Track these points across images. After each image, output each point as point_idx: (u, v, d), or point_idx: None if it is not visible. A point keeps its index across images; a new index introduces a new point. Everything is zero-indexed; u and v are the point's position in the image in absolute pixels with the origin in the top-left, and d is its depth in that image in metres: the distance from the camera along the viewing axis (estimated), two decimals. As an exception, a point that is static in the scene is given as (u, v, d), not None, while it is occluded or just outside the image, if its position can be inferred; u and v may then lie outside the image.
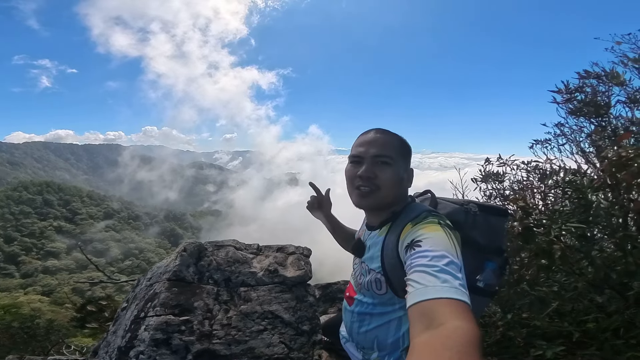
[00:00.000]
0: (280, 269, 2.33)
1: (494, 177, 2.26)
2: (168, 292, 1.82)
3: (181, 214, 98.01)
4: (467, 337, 0.59)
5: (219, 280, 2.07)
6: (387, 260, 0.97)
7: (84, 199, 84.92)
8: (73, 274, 55.55)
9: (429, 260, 0.76)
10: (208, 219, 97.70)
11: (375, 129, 1.07)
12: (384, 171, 1.00)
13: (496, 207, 1.17)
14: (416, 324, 0.66)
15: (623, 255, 1.38)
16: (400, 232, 0.93)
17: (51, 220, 74.21)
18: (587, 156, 2.07)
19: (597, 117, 2.04)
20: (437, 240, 0.82)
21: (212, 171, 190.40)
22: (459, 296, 0.68)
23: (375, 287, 1.02)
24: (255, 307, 2.04)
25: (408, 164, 1.07)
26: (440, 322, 0.62)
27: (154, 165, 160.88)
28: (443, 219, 0.93)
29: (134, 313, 1.90)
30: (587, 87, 2.13)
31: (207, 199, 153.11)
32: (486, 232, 1.07)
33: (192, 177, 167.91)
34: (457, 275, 0.72)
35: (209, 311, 1.90)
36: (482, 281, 1.05)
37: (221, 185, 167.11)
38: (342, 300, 4.30)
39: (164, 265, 2.08)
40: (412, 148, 1.11)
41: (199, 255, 2.11)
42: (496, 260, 1.08)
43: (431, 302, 0.67)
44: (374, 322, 1.07)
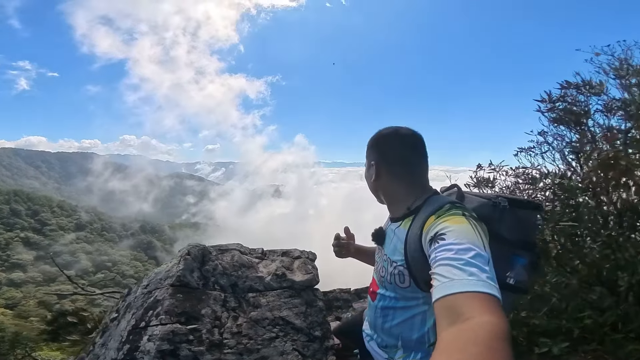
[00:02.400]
0: (288, 273, 2.22)
1: (485, 182, 2.35)
2: (172, 299, 1.66)
3: (158, 226, 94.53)
4: (496, 332, 0.57)
5: (226, 285, 1.92)
6: (411, 253, 0.96)
7: (54, 209, 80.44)
8: (40, 287, 51.99)
9: (454, 254, 0.74)
10: (186, 231, 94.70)
11: None
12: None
13: (527, 200, 1.14)
14: (442, 318, 0.64)
15: (612, 252, 1.44)
16: (423, 224, 0.92)
17: (18, 231, 69.64)
18: (568, 162, 2.17)
19: (576, 125, 2.15)
20: (462, 232, 0.80)
21: (193, 182, 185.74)
22: (487, 289, 0.65)
23: (399, 280, 1.00)
24: (265, 314, 1.92)
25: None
26: (467, 317, 0.60)
27: (131, 175, 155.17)
28: (467, 211, 0.91)
29: (130, 323, 1.71)
30: (568, 96, 2.25)
31: (186, 210, 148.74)
32: (516, 227, 1.04)
33: (170, 188, 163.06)
34: (484, 268, 0.70)
35: (217, 319, 1.75)
36: (513, 278, 1.01)
37: (202, 197, 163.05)
38: (339, 308, 4.16)
39: (164, 270, 1.91)
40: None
41: (203, 259, 1.96)
42: (526, 255, 1.04)
43: (457, 295, 0.65)
44: (397, 316, 1.05)
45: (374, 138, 1.14)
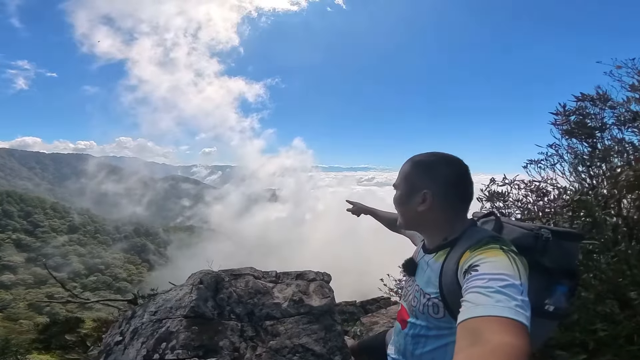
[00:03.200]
0: (305, 298, 2.13)
1: (497, 196, 2.32)
2: (188, 332, 1.56)
3: (152, 229, 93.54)
4: (513, 354, 0.56)
5: (242, 314, 1.83)
6: (446, 286, 0.95)
7: (47, 210, 79.32)
8: (30, 289, 51.09)
9: (485, 282, 0.74)
10: (180, 235, 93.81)
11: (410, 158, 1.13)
12: (395, 196, 1.11)
13: (570, 232, 1.14)
14: (461, 340, 0.64)
15: (628, 268, 1.46)
16: (459, 258, 0.91)
17: (10, 232, 68.49)
18: (579, 176, 2.14)
19: (588, 138, 2.10)
20: (497, 264, 0.80)
21: (188, 185, 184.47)
22: (512, 315, 0.64)
23: (432, 311, 0.99)
24: (284, 342, 1.84)
25: (418, 185, 1.05)
26: (486, 339, 0.60)
27: (125, 178, 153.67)
28: (507, 244, 0.89)
29: (141, 353, 1.61)
30: (582, 109, 2.23)
31: (181, 213, 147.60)
32: (558, 257, 1.02)
33: (165, 191, 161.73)
34: (515, 297, 0.69)
35: (235, 350, 1.66)
36: (552, 305, 1.01)
37: (197, 200, 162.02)
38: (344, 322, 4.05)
39: (174, 298, 1.80)
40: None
41: (217, 287, 1.87)
42: (567, 283, 1.04)
43: (480, 319, 0.65)
44: (429, 344, 1.04)
45: (424, 164, 1.06)
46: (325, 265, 2.51)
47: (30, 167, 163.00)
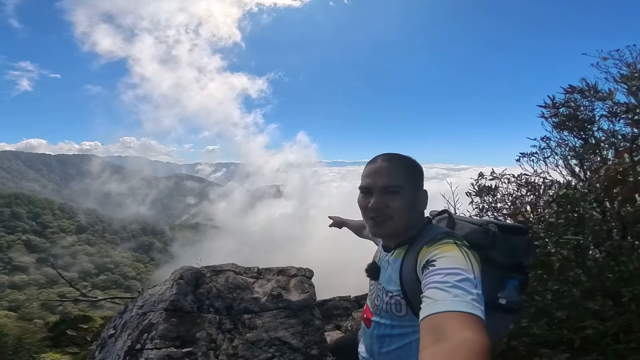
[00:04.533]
0: (284, 293, 2.24)
1: (486, 190, 2.32)
2: (166, 323, 1.69)
3: (159, 227, 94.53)
4: (476, 350, 0.58)
5: (220, 308, 1.95)
6: (407, 283, 0.98)
7: (55, 211, 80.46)
8: (42, 289, 52.09)
9: (442, 277, 0.77)
10: (186, 232, 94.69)
11: (382, 156, 1.07)
12: (394, 200, 1.01)
13: (516, 226, 1.18)
14: (425, 337, 0.66)
15: (616, 264, 1.46)
16: (417, 254, 0.95)
17: (19, 233, 69.72)
18: (572, 169, 2.16)
19: (580, 131, 2.14)
20: (451, 258, 0.83)
21: (193, 183, 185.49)
22: (470, 309, 0.68)
23: (395, 309, 1.02)
24: (261, 335, 1.95)
25: (419, 187, 1.08)
26: (448, 335, 0.62)
27: (130, 177, 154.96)
28: (459, 239, 0.93)
29: (127, 344, 1.74)
30: (572, 102, 2.23)
31: (186, 211, 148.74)
32: (506, 251, 1.07)
33: (170, 189, 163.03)
34: (470, 291, 0.72)
35: (212, 341, 1.78)
36: (504, 298, 1.05)
37: (202, 198, 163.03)
38: (338, 317, 4.19)
39: (157, 293, 1.93)
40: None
41: (197, 282, 1.99)
42: (517, 277, 1.09)
43: (440, 315, 0.68)
44: (394, 343, 1.06)
45: (413, 163, 1.08)
46: (329, 261, 2.52)
47: (36, 169, 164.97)
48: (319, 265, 2.41)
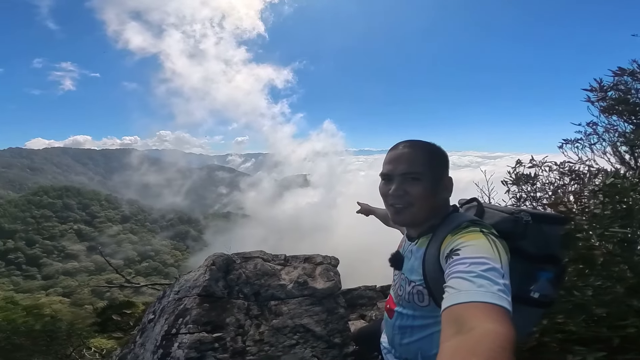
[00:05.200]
0: (309, 281, 2.27)
1: (525, 179, 2.19)
2: (199, 309, 1.78)
3: (194, 216, 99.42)
4: (499, 342, 0.55)
5: (249, 294, 2.02)
6: (429, 273, 0.95)
7: (102, 202, 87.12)
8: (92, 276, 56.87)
9: (466, 267, 0.73)
10: (218, 221, 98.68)
11: (403, 143, 1.05)
12: (414, 187, 0.98)
13: (552, 215, 1.11)
14: (446, 328, 0.63)
15: None
16: (440, 243, 0.92)
17: (71, 223, 76.45)
18: (621, 156, 2.00)
19: (631, 115, 1.96)
20: (477, 247, 0.80)
21: (224, 174, 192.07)
22: (495, 300, 0.64)
23: (417, 299, 1.00)
24: (286, 321, 1.99)
25: (442, 174, 1.03)
26: (471, 326, 0.59)
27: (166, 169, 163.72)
28: (486, 227, 0.89)
29: (164, 328, 1.86)
30: (621, 84, 2.04)
31: (218, 201, 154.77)
32: (539, 242, 1.01)
33: (203, 180, 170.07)
34: (496, 281, 0.68)
35: (240, 327, 1.85)
36: (537, 291, 1.00)
37: (232, 188, 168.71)
38: (363, 306, 4.21)
39: (192, 279, 2.04)
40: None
41: (228, 268, 2.07)
42: (552, 269, 1.03)
43: (463, 305, 0.65)
44: (415, 334, 1.04)
45: (436, 150, 1.05)
46: (355, 250, 2.52)
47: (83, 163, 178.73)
48: (345, 253, 2.41)
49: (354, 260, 30.15)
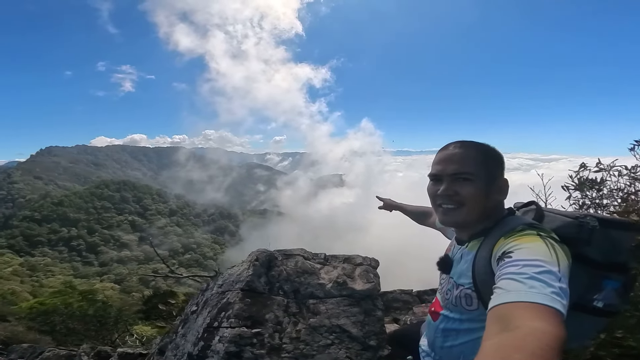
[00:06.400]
0: (349, 281, 2.21)
1: (590, 184, 2.03)
2: (241, 303, 1.80)
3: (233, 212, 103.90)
4: (546, 340, 0.53)
5: (289, 291, 2.01)
6: (479, 276, 0.93)
7: (153, 196, 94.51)
8: (141, 265, 61.94)
9: (519, 269, 0.71)
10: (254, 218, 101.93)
11: (454, 143, 1.03)
12: (465, 187, 0.96)
13: (622, 221, 1.04)
14: (490, 326, 0.61)
15: None
16: (493, 246, 0.89)
17: (126, 214, 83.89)
18: None
19: None
20: (531, 250, 0.77)
21: (262, 172, 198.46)
22: (547, 301, 0.61)
23: (465, 303, 0.98)
24: (323, 321, 1.96)
25: (497, 176, 1.00)
26: (516, 325, 0.57)
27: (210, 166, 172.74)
28: (545, 231, 0.85)
29: (206, 321, 1.90)
30: None
31: (255, 198, 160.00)
32: (606, 249, 0.95)
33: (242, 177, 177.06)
34: (551, 284, 0.65)
35: (278, 324, 1.84)
36: (601, 301, 0.95)
37: (270, 185, 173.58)
38: (397, 310, 4.04)
39: (236, 273, 2.07)
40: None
41: (270, 264, 2.08)
42: (619, 278, 0.97)
43: (510, 304, 0.63)
44: (460, 338, 1.02)
45: (491, 150, 1.02)
46: (390, 251, 2.43)
47: (139, 159, 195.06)
48: (379, 254, 2.37)
49: (388, 262, 29.52)
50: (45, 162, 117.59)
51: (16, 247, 62.98)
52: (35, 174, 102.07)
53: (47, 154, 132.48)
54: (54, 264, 60.08)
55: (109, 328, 6.44)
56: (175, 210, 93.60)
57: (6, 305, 13.05)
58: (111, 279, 52.00)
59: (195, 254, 73.65)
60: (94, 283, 41.73)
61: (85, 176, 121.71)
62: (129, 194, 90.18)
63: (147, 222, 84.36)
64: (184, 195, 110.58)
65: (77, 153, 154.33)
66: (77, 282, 38.91)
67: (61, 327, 6.64)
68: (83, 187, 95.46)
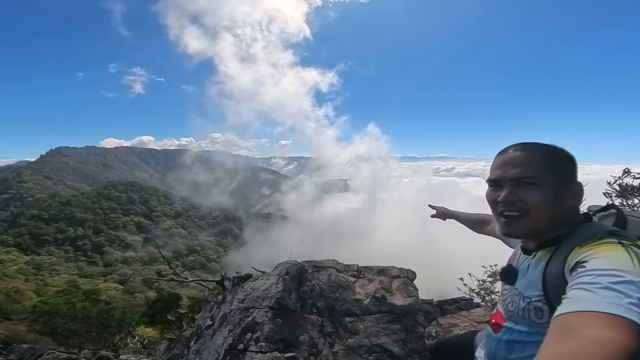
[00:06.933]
0: (387, 296, 1.97)
1: (632, 191, 1.92)
2: (272, 324, 1.55)
3: (238, 215, 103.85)
4: (609, 350, 0.47)
5: (322, 308, 1.76)
6: (552, 288, 0.84)
7: (160, 198, 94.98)
8: (145, 265, 62.02)
9: (592, 278, 0.64)
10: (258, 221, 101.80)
11: (514, 146, 0.94)
12: (531, 193, 0.87)
13: None
14: (550, 334, 0.56)
15: None
16: (566, 256, 0.80)
17: (132, 215, 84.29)
18: None
19: None
20: (609, 259, 0.69)
21: (267, 176, 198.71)
22: (621, 312, 0.54)
23: (535, 316, 0.89)
24: (362, 341, 1.72)
25: (567, 179, 0.90)
26: (579, 334, 0.52)
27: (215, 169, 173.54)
28: (629, 239, 0.75)
29: (228, 341, 1.65)
30: None
31: (260, 201, 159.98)
32: None
33: (248, 181, 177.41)
34: (629, 294, 0.57)
35: (314, 346, 1.59)
36: None
37: (274, 189, 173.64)
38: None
39: (261, 287, 1.82)
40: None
41: (300, 278, 1.84)
42: None
43: (576, 314, 0.57)
44: (527, 350, 0.93)
45: (562, 154, 0.92)
46: (394, 256, 2.29)
47: (146, 161, 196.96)
48: (384, 261, 2.21)
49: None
50: (54, 162, 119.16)
51: (23, 246, 63.50)
52: (45, 173, 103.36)
53: (57, 154, 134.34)
54: (59, 263, 60.40)
55: (111, 331, 6.25)
56: (181, 212, 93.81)
57: (10, 303, 12.99)
58: (115, 279, 52.08)
59: (199, 256, 73.54)
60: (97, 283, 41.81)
61: (94, 177, 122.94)
62: (136, 195, 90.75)
63: (152, 224, 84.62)
64: (189, 197, 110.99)
65: (86, 154, 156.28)
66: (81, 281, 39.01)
67: (63, 329, 6.47)
68: (91, 188, 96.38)
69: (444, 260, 44.99)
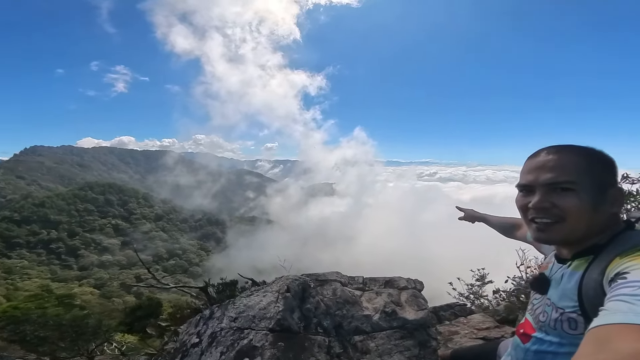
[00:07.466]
0: (398, 310, 1.80)
1: (632, 198, 1.99)
2: (273, 349, 1.35)
3: (221, 219, 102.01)
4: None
5: (329, 327, 1.57)
6: (589, 300, 0.80)
7: (139, 200, 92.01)
8: (123, 269, 59.78)
9: (633, 290, 0.61)
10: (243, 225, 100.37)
11: (547, 148, 0.89)
12: (566, 199, 0.83)
13: None
14: (583, 347, 0.54)
15: None
16: (605, 267, 0.76)
17: (110, 218, 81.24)
18: None
19: None
20: None
21: (253, 178, 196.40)
22: None
23: (568, 327, 0.86)
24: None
25: (607, 184, 0.86)
26: (613, 347, 0.49)
27: (198, 171, 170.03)
28: None
29: (221, 364, 1.43)
30: None
31: (244, 204, 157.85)
32: None
33: (232, 183, 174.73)
34: None
35: (322, 372, 1.38)
36: None
37: (259, 192, 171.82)
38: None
39: (257, 306, 1.60)
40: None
41: (303, 294, 1.64)
42: None
43: (613, 326, 0.54)
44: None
45: (600, 157, 0.87)
46: (380, 260, 2.18)
47: (126, 162, 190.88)
48: (369, 265, 2.08)
49: (377, 272, 29.66)
50: (28, 162, 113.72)
51: (-7, 249, 60.05)
52: (18, 173, 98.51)
53: (32, 153, 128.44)
54: (31, 267, 57.38)
55: (86, 339, 5.83)
56: (161, 215, 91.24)
57: (-23, 308, 12.05)
58: (91, 284, 49.90)
59: (181, 260, 71.62)
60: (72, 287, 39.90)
61: (70, 177, 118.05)
62: (114, 197, 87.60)
63: (131, 227, 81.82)
64: (170, 199, 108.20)
65: (63, 153, 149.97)
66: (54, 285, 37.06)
67: (32, 337, 5.98)
68: (66, 189, 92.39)
69: (431, 263, 45.56)
